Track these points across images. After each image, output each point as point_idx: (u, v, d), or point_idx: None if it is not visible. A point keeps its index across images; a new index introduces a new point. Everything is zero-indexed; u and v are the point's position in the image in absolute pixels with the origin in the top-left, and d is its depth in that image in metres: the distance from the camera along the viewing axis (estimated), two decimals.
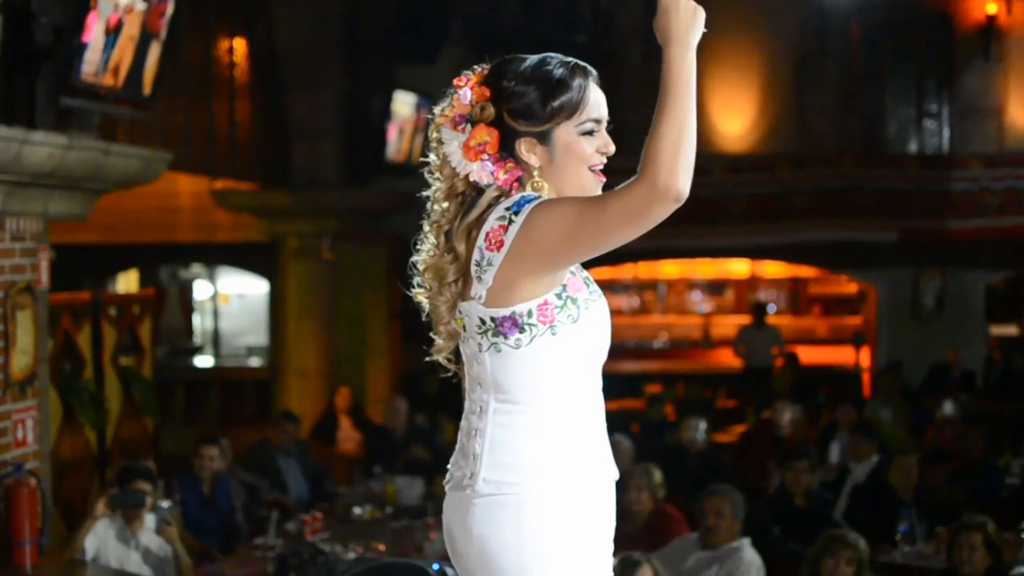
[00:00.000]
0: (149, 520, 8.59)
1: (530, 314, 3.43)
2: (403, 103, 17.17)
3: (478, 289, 3.45)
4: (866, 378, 20.53)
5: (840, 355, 21.78)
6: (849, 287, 23.05)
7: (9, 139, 8.24)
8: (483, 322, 3.47)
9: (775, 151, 19.78)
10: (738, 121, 20.04)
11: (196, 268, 22.35)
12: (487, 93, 3.57)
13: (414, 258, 3.71)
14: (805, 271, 22.83)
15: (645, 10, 19.42)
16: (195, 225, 18.46)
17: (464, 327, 3.56)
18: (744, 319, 21.12)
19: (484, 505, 3.49)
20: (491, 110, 3.55)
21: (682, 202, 3.24)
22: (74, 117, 9.21)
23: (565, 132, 3.55)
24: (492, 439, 3.52)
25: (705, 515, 8.73)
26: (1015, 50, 19.83)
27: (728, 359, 21.07)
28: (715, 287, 24.27)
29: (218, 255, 20.20)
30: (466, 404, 3.64)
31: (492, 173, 3.52)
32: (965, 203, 18.97)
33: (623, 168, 3.54)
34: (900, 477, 10.44)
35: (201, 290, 22.82)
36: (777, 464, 11.24)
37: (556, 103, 3.53)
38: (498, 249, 3.39)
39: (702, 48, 3.44)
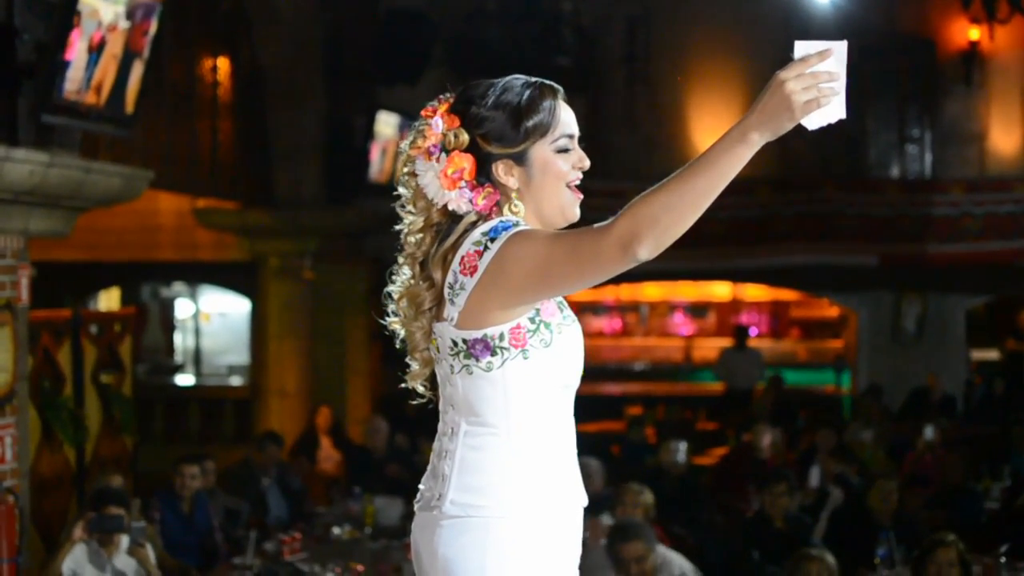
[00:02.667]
0: (124, 542, 8.56)
1: (502, 337, 3.43)
2: (386, 124, 17.17)
3: (451, 311, 3.45)
4: (846, 402, 20.55)
5: (821, 379, 21.80)
6: (830, 311, 23.09)
7: None
8: (455, 344, 3.47)
9: (757, 175, 19.79)
10: None
11: (177, 286, 22.33)
12: (457, 121, 3.57)
13: (388, 288, 3.70)
14: (786, 295, 22.88)
15: (628, 33, 19.49)
16: (176, 244, 18.45)
17: (438, 348, 3.56)
18: (726, 342, 21.14)
19: (450, 527, 3.50)
20: (465, 136, 3.55)
21: (636, 263, 3.21)
22: (56, 134, 9.20)
23: (541, 150, 3.56)
24: (462, 461, 3.52)
25: (626, 564, 8.53)
26: (997, 76, 19.91)
27: (709, 382, 21.09)
28: (697, 309, 24.29)
29: (199, 274, 20.19)
30: (440, 425, 3.64)
31: (471, 200, 3.52)
32: (946, 228, 19.02)
33: (605, 190, 3.57)
34: (879, 501, 10.44)
35: (182, 308, 22.79)
36: (756, 488, 11.24)
37: (529, 123, 3.54)
38: (471, 274, 3.38)
39: (687, 69, 3.45)
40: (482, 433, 3.50)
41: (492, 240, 3.37)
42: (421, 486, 3.67)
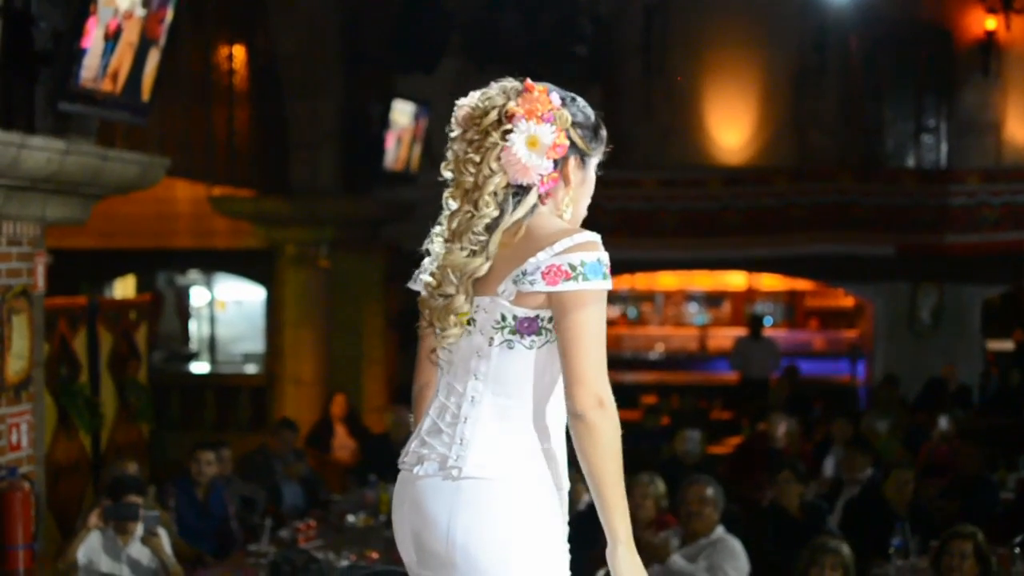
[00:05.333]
0: (139, 530, 8.58)
1: (550, 320, 3.60)
2: (402, 112, 17.17)
3: (508, 288, 3.60)
4: (862, 392, 20.52)
5: (837, 369, 21.77)
6: (846, 301, 23.04)
7: (7, 143, 8.24)
8: (503, 318, 3.63)
9: (774, 164, 19.80)
10: (737, 134, 20.06)
11: (193, 274, 22.32)
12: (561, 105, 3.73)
13: (428, 260, 3.84)
14: (802, 284, 22.84)
15: (644, 23, 19.47)
16: (193, 231, 18.46)
17: (471, 321, 3.67)
18: (741, 331, 21.11)
19: (473, 488, 3.62)
20: (569, 119, 3.71)
21: (579, 409, 3.53)
22: (72, 122, 9.21)
23: (593, 163, 3.81)
24: (485, 428, 3.66)
25: (687, 502, 8.76)
26: (1014, 66, 19.86)
27: (725, 371, 21.07)
28: (712, 299, 24.27)
29: (215, 261, 20.19)
30: (443, 394, 3.76)
31: (542, 176, 3.66)
32: (963, 218, 18.98)
33: (621, 180, 3.63)
34: (895, 491, 10.44)
35: (198, 296, 22.79)
36: (769, 477, 11.24)
37: (603, 132, 3.82)
38: (549, 283, 3.55)
39: (704, 59, 3.51)
40: (507, 405, 3.66)
41: (585, 279, 3.54)
42: (418, 448, 3.75)
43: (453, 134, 3.78)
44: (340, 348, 17.55)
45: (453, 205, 3.75)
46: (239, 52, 15.54)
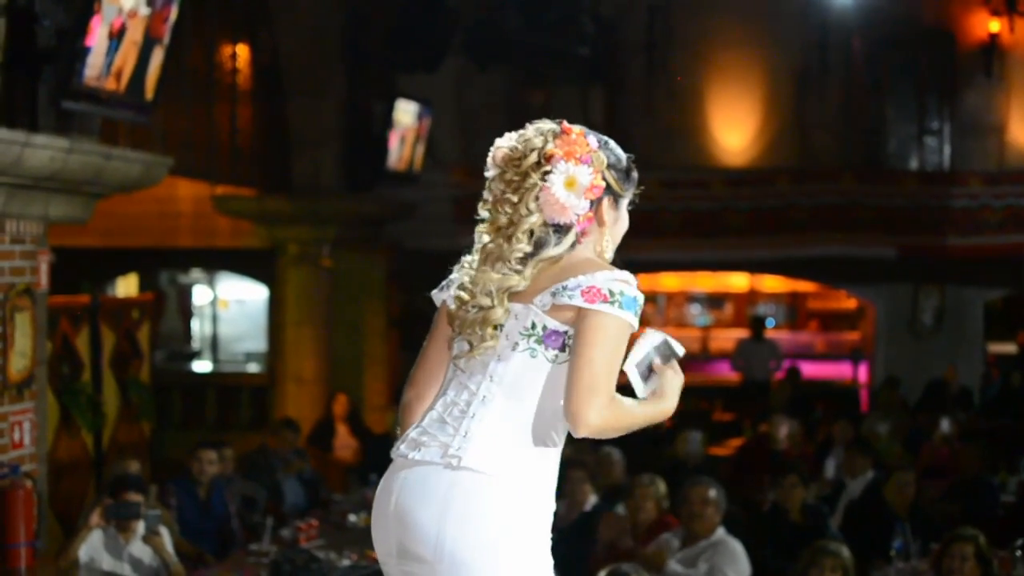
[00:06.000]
0: (140, 529, 8.59)
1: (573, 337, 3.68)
2: (405, 111, 17.17)
3: (546, 299, 3.69)
4: (864, 394, 20.52)
5: (838, 371, 21.76)
6: (848, 302, 23.03)
7: (10, 142, 8.25)
8: (533, 326, 3.71)
9: (776, 165, 19.80)
10: (739, 135, 20.07)
11: (195, 273, 22.34)
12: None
13: (460, 277, 3.88)
14: (804, 286, 22.83)
15: (647, 22, 19.46)
16: (195, 230, 18.45)
17: (499, 326, 3.74)
18: (743, 333, 21.12)
19: (469, 480, 3.67)
20: (604, 160, 3.81)
21: (582, 426, 3.63)
22: (76, 120, 9.22)
23: (624, 204, 3.93)
24: (491, 426, 3.71)
25: (690, 503, 8.78)
26: (1017, 68, 19.86)
27: (726, 372, 21.07)
28: (714, 300, 24.25)
29: (218, 260, 20.19)
30: (453, 392, 3.82)
31: (579, 216, 3.77)
32: (965, 220, 18.98)
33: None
34: (896, 493, 10.44)
35: (200, 295, 22.81)
36: (773, 479, 11.23)
37: (635, 174, 3.91)
38: (587, 300, 3.63)
39: (707, 60, 3.55)
40: (518, 412, 3.72)
41: (621, 307, 3.64)
42: (421, 438, 3.80)
43: (490, 175, 3.86)
44: (342, 347, 17.56)
45: (486, 239, 3.84)
46: (242, 51, 15.55)
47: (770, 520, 10.18)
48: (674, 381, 3.86)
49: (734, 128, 20.07)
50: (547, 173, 3.74)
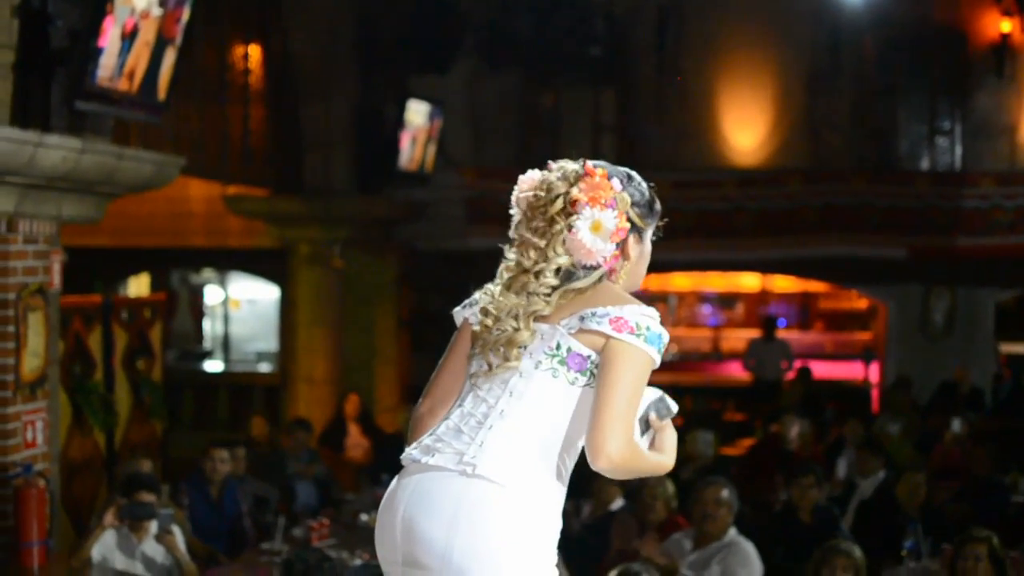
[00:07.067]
0: (153, 528, 8.61)
1: (598, 364, 3.70)
2: (416, 112, 17.20)
3: (573, 323, 3.72)
4: (875, 394, 20.51)
5: (849, 371, 21.75)
6: (859, 303, 23.03)
7: (23, 142, 8.28)
8: (559, 347, 3.74)
9: (787, 166, 19.79)
10: (750, 135, 20.06)
11: (207, 273, 22.38)
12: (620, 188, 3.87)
13: (478, 293, 3.94)
14: (815, 286, 22.83)
15: (658, 23, 19.47)
16: (207, 230, 18.49)
17: (523, 345, 3.77)
18: (754, 333, 21.12)
19: (483, 489, 3.67)
20: (628, 200, 3.85)
21: (604, 462, 3.65)
22: (88, 121, 9.24)
23: (648, 234, 4.00)
24: (506, 440, 3.71)
25: (704, 503, 8.79)
26: None
27: (737, 372, 21.07)
28: (726, 300, 24.25)
29: (229, 260, 20.22)
30: (469, 404, 3.82)
31: (606, 256, 3.82)
32: (976, 221, 18.96)
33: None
34: (907, 493, 10.45)
35: (212, 295, 22.84)
36: (784, 479, 11.24)
37: (658, 206, 4.01)
38: (615, 329, 3.67)
39: (718, 61, 3.58)
40: (534, 430, 3.74)
41: (646, 341, 3.67)
42: (435, 444, 3.80)
43: (516, 218, 3.91)
44: (353, 347, 17.59)
45: (510, 274, 3.87)
46: (254, 52, 15.58)
47: (781, 520, 10.18)
48: (673, 438, 3.90)
49: (745, 129, 20.07)
50: (572, 217, 3.78)
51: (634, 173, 3.94)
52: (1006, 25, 19.55)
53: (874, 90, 20.21)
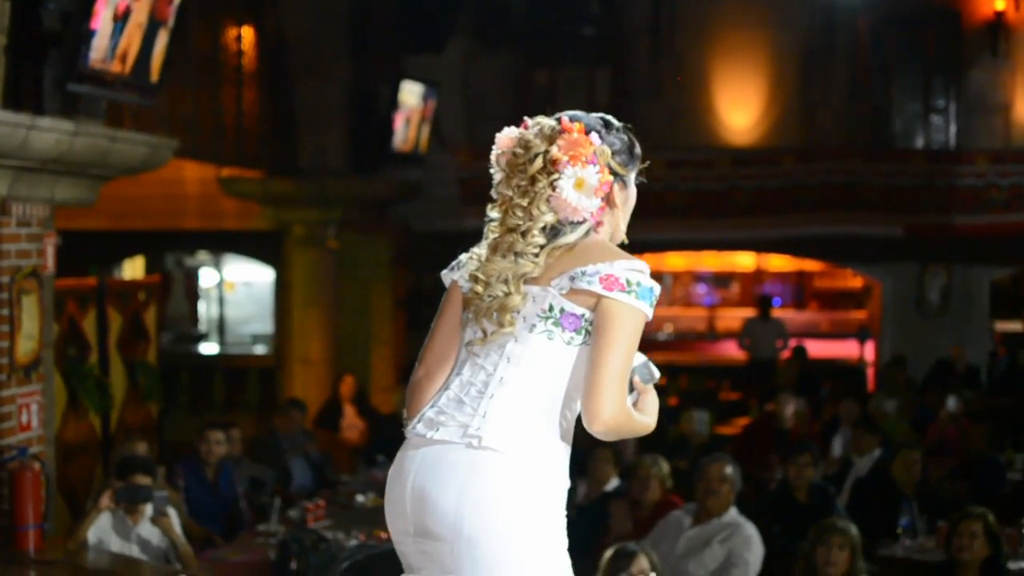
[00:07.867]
0: (148, 510, 8.61)
1: (591, 322, 3.72)
2: (410, 92, 17.17)
3: (564, 283, 3.72)
4: (870, 372, 20.54)
5: (844, 349, 21.77)
6: (854, 281, 23.04)
7: (16, 124, 8.26)
8: (551, 308, 3.73)
9: (781, 145, 19.78)
10: (745, 115, 20.04)
11: (202, 255, 22.37)
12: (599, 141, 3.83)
13: (471, 269, 3.89)
14: (810, 265, 22.84)
15: (652, 3, 19.43)
16: (201, 212, 18.48)
17: (516, 310, 3.76)
18: (749, 312, 21.13)
19: (490, 459, 3.69)
20: (608, 152, 3.82)
21: (597, 424, 3.68)
22: (81, 103, 9.21)
23: (631, 180, 3.95)
24: (509, 407, 3.73)
25: (707, 480, 8.80)
26: (1023, 46, 19.81)
27: (733, 352, 21.08)
28: (721, 280, 24.26)
29: (224, 242, 20.22)
30: (467, 373, 3.83)
31: (592, 211, 3.80)
32: (971, 199, 18.96)
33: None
34: (903, 471, 10.46)
35: (206, 277, 22.83)
36: (780, 458, 11.25)
37: (637, 149, 3.92)
38: (605, 288, 3.67)
39: (712, 40, 3.55)
40: (535, 393, 3.74)
41: (638, 297, 3.70)
42: (438, 417, 3.81)
43: (496, 177, 3.88)
44: (348, 328, 17.59)
45: (497, 235, 3.86)
46: (247, 33, 15.55)
47: (777, 499, 10.20)
48: (655, 401, 3.94)
49: (740, 108, 20.05)
50: (554, 176, 3.76)
51: (610, 118, 3.91)
52: (1000, 3, 19.53)
53: (868, 68, 20.19)
